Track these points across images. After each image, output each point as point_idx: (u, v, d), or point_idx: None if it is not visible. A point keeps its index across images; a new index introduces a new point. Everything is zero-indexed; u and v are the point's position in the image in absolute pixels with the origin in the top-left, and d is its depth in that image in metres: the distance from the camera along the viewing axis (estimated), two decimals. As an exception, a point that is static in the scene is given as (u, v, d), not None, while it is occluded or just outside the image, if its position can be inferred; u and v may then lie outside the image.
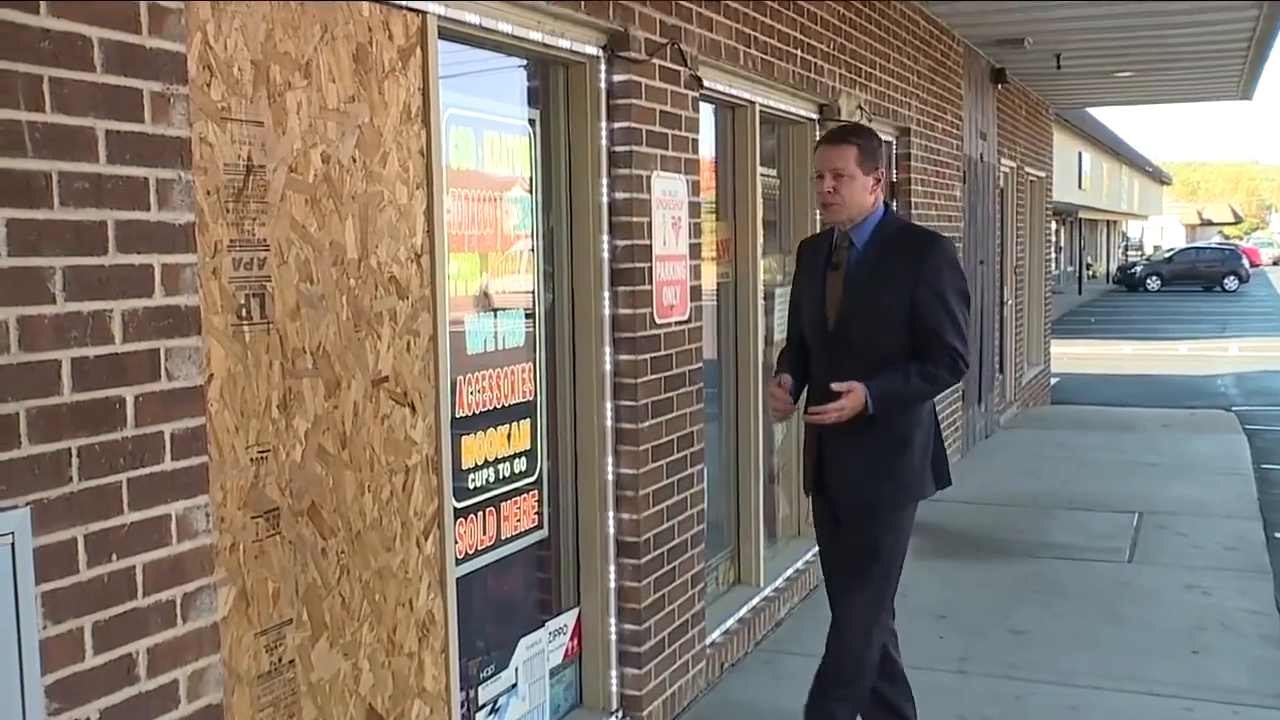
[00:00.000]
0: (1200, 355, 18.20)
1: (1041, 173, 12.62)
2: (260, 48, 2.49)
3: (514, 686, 3.57)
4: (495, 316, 3.50)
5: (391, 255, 2.89)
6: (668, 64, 4.03)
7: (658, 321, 4.00)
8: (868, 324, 3.34)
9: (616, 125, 3.82)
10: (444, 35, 3.08)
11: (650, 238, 3.93)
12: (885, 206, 3.46)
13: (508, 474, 3.54)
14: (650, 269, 3.94)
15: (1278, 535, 6.84)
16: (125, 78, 2.09)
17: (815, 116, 5.74)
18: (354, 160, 2.76)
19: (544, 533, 3.75)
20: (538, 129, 3.70)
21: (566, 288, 3.84)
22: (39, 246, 1.95)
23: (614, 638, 3.95)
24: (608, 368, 3.87)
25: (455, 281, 3.23)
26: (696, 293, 4.31)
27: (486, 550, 3.43)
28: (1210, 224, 70.85)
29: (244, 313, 2.46)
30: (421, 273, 2.99)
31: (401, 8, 2.91)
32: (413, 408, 2.97)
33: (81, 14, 2.01)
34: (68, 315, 1.99)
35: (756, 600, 5.09)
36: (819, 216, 4.44)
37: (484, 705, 3.42)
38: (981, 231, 9.22)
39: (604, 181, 3.81)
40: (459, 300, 3.27)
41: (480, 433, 3.40)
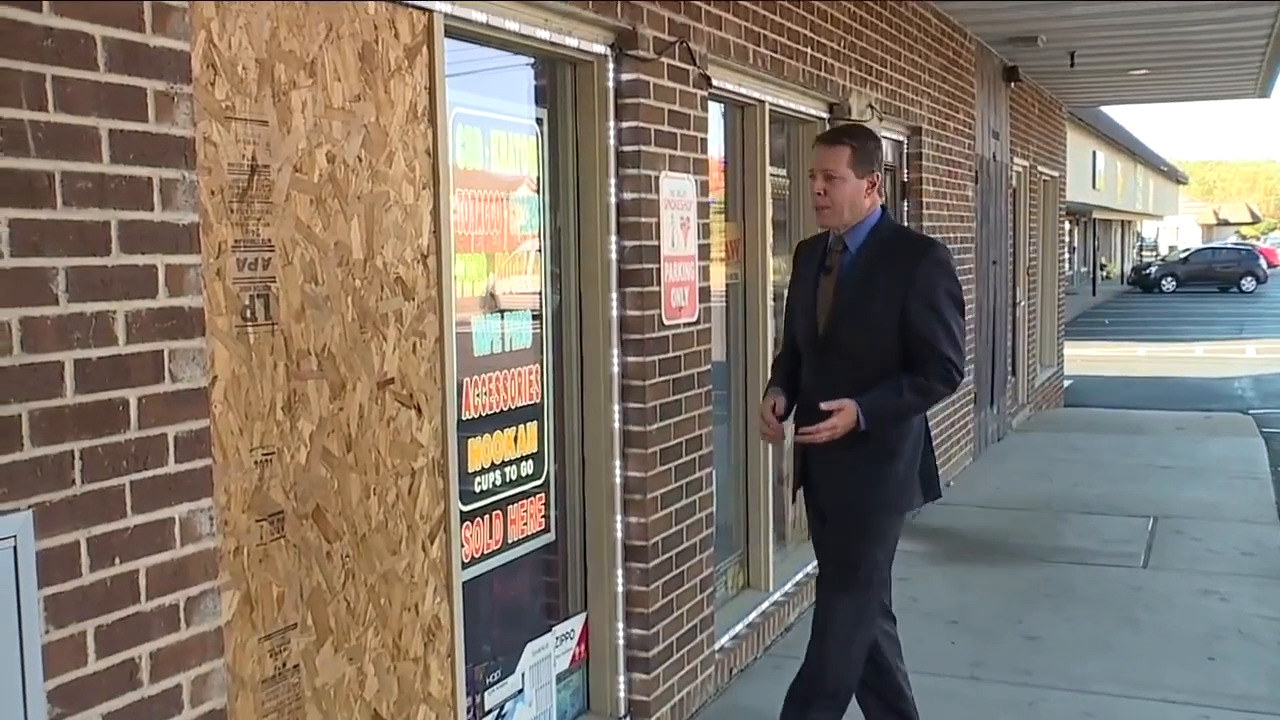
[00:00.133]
0: (1216, 357, 18.07)
1: (1055, 172, 12.55)
2: (265, 46, 2.47)
3: (520, 692, 3.55)
4: (502, 318, 3.48)
5: (397, 256, 2.87)
6: (676, 63, 4.00)
7: (666, 323, 3.98)
8: (857, 330, 3.29)
9: (625, 125, 3.79)
10: (450, 33, 3.06)
11: (659, 238, 3.91)
12: (882, 210, 3.42)
13: (514, 477, 3.52)
14: (659, 270, 3.91)
15: (1295, 540, 6.78)
16: (129, 76, 2.07)
17: (826, 116, 5.70)
18: (359, 160, 2.74)
19: (551, 536, 3.73)
20: (545, 128, 3.68)
21: (574, 289, 3.81)
22: (42, 247, 1.94)
23: (622, 643, 3.92)
24: (615, 370, 3.85)
25: (462, 282, 3.21)
26: (705, 294, 4.28)
27: (493, 554, 3.41)
28: (1227, 224, 70.37)
29: (248, 314, 2.44)
30: (428, 273, 2.97)
31: (408, 6, 2.89)
32: (419, 410, 2.95)
33: (84, 12, 2.00)
34: (70, 316, 1.98)
35: (766, 605, 5.06)
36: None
37: (490, 711, 3.40)
38: (994, 232, 9.17)
39: (612, 181, 3.79)
40: (465, 301, 3.25)
41: (487, 435, 3.38)
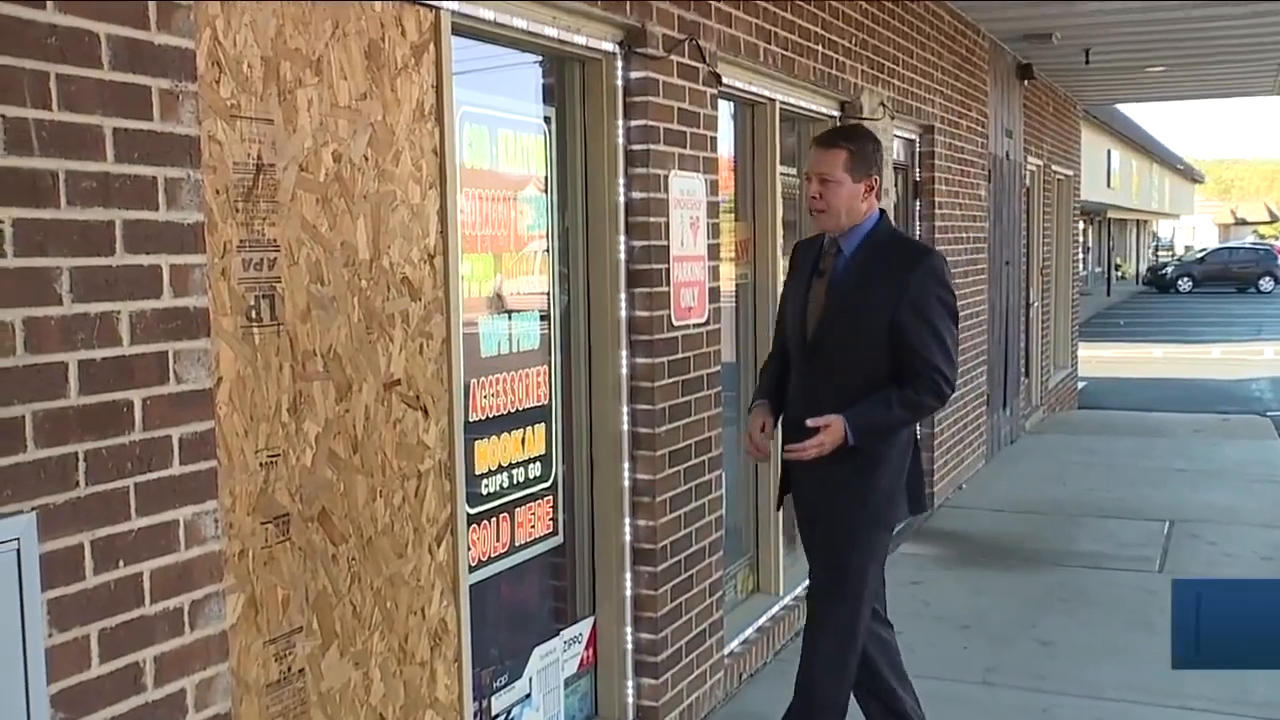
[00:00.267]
0: (1234, 359, 17.94)
1: (1069, 171, 12.48)
2: (270, 44, 2.46)
3: (528, 696, 3.52)
4: (509, 318, 3.46)
5: (404, 256, 2.85)
6: (686, 61, 3.97)
7: (675, 324, 3.95)
8: (847, 335, 3.25)
9: (633, 123, 3.77)
10: (457, 31, 3.04)
11: (668, 238, 3.88)
12: (880, 214, 3.37)
13: (522, 479, 3.49)
14: (668, 270, 3.89)
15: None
16: (133, 75, 2.06)
17: (837, 114, 5.67)
18: (366, 159, 2.73)
19: (559, 539, 3.71)
20: (553, 127, 3.65)
21: (582, 289, 3.79)
22: (45, 247, 1.92)
23: (630, 647, 3.90)
24: (624, 371, 3.82)
25: (469, 283, 3.19)
26: (715, 294, 4.25)
27: (500, 557, 3.39)
28: (1245, 223, 69.84)
29: (254, 314, 2.43)
30: (435, 274, 2.95)
31: (415, 3, 2.87)
32: (425, 411, 2.93)
33: (89, 10, 1.99)
34: (74, 317, 1.97)
35: (775, 609, 5.02)
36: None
37: (497, 715, 3.37)
38: (1007, 231, 9.12)
39: (620, 180, 3.76)
40: (473, 302, 3.23)
41: (494, 437, 3.36)
